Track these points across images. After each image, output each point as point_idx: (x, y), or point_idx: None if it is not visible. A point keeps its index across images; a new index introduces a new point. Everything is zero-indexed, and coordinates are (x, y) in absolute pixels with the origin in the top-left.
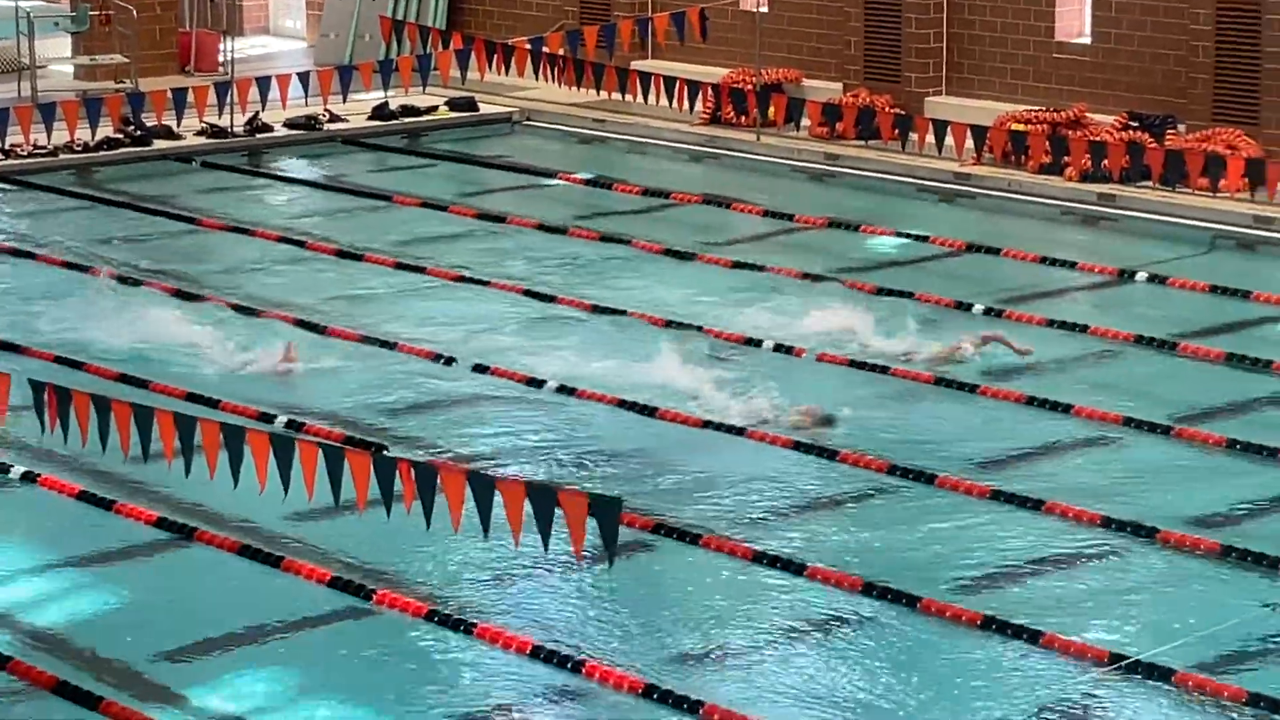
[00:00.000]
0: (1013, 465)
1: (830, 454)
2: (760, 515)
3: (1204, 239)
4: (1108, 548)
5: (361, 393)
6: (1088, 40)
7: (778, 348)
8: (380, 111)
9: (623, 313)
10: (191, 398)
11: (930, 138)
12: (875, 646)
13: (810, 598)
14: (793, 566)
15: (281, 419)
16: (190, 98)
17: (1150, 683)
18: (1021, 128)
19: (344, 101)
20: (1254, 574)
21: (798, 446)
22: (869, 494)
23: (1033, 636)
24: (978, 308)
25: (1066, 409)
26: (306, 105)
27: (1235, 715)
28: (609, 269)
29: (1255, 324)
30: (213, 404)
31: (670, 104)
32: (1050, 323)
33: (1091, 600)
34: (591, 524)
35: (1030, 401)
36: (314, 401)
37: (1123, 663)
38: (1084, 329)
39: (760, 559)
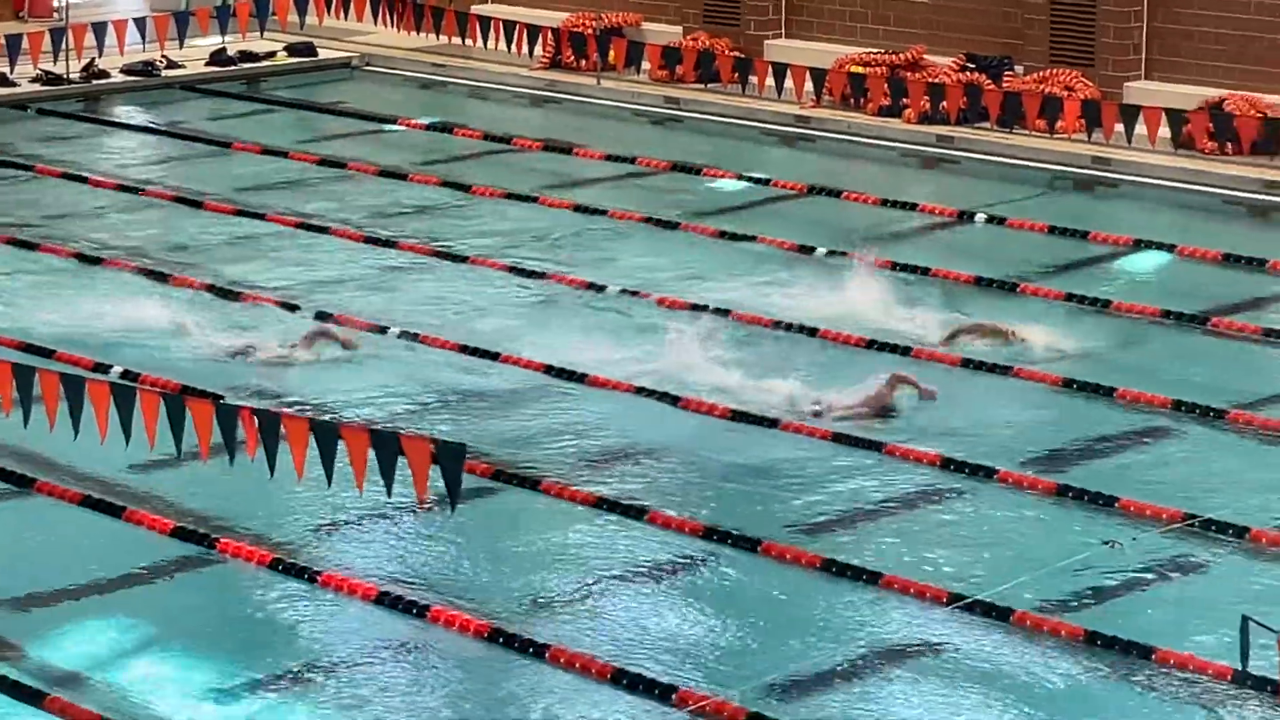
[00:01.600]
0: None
1: (672, 399)
2: (602, 460)
3: (1042, 180)
4: (948, 489)
5: (205, 343)
6: None
7: (624, 292)
8: (218, 57)
9: (464, 259)
10: (29, 349)
11: (770, 81)
12: (717, 590)
13: (652, 541)
14: (634, 511)
15: (117, 369)
16: (25, 44)
17: (990, 622)
18: (860, 70)
19: (181, 47)
20: (1095, 513)
21: (639, 391)
22: (710, 438)
23: (873, 577)
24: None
25: (905, 350)
26: (144, 51)
27: (1073, 653)
28: (450, 214)
29: (1093, 263)
30: (47, 354)
31: (510, 48)
32: (893, 265)
33: (932, 541)
34: (435, 471)
35: (870, 345)
36: (154, 354)
37: (962, 602)
38: (925, 271)
39: (602, 503)
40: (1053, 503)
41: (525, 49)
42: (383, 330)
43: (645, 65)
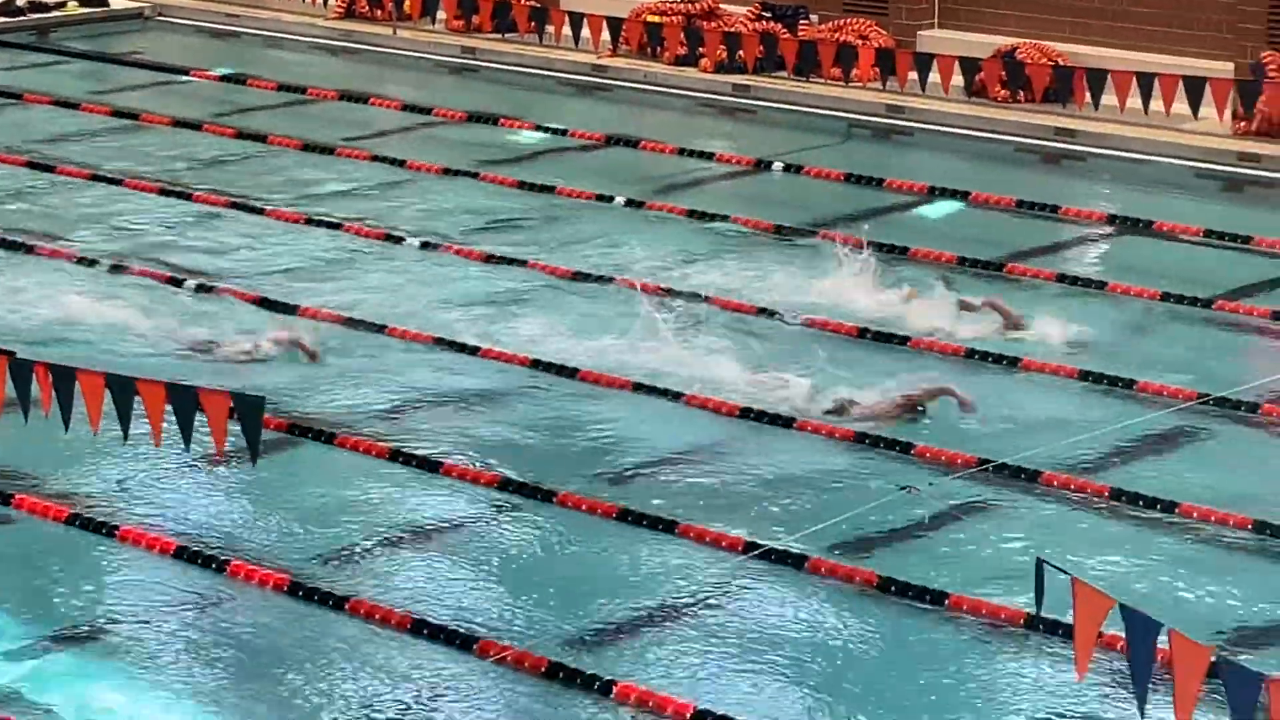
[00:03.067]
0: (657, 357)
1: (471, 349)
2: (399, 413)
3: (838, 128)
4: (745, 438)
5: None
6: None
7: (424, 245)
8: (7, 8)
9: (260, 211)
10: None
11: (567, 30)
12: (514, 541)
13: (449, 494)
14: (429, 464)
15: None
16: None
17: (784, 569)
18: (656, 19)
19: None
20: (891, 459)
21: (439, 342)
22: (509, 391)
23: (668, 526)
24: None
25: (698, 298)
26: None
27: (867, 599)
28: (246, 166)
29: (889, 211)
30: None
31: None
32: (690, 213)
33: (728, 490)
34: (234, 425)
35: (679, 296)
36: None
37: (757, 551)
38: (724, 218)
39: (398, 456)
40: (850, 450)
41: None
42: (178, 283)
43: (441, 15)
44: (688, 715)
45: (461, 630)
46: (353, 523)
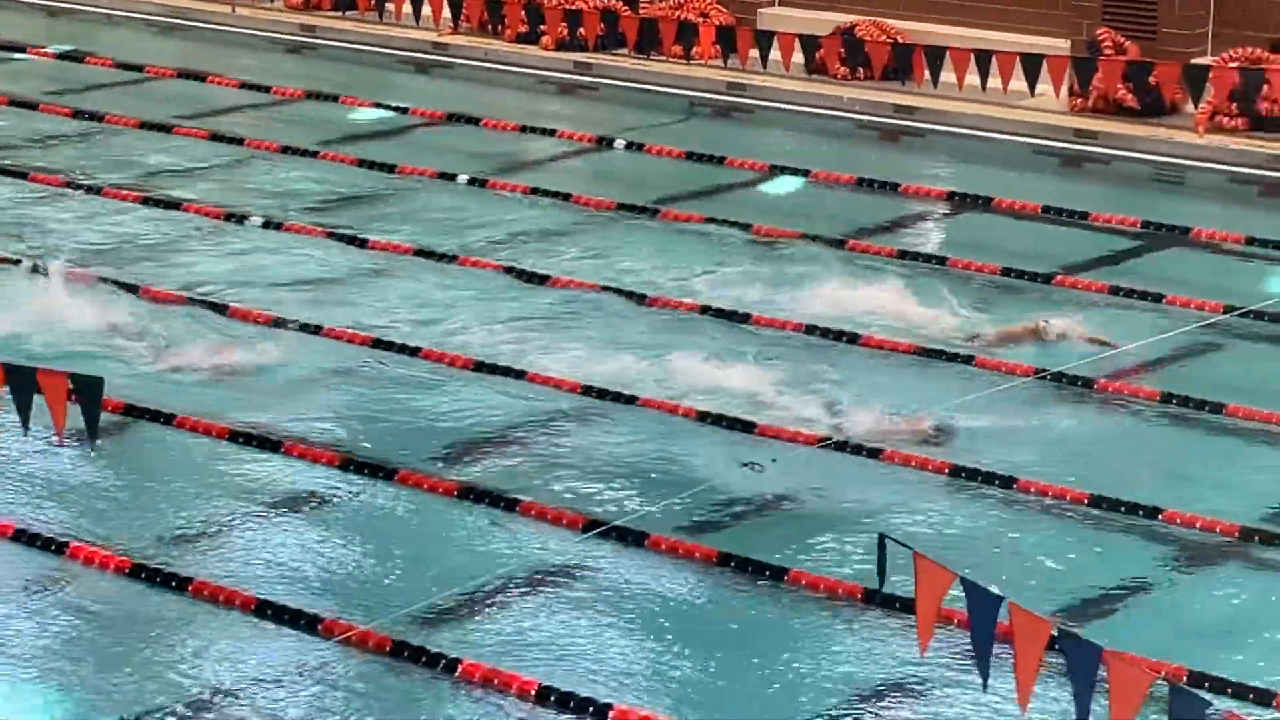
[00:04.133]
0: (499, 334)
1: (314, 328)
2: (240, 392)
3: (680, 105)
4: (588, 414)
5: None
6: None
7: (267, 224)
8: None
9: (98, 190)
10: None
11: (407, 8)
12: (356, 520)
13: (291, 473)
14: (270, 443)
15: None
16: None
17: (627, 546)
18: None
19: None
20: (735, 437)
21: (279, 323)
22: (351, 369)
23: (511, 504)
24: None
25: (544, 279)
26: None
27: (709, 574)
28: (85, 144)
29: (731, 188)
30: None
31: None
32: (534, 190)
33: (572, 467)
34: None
35: (521, 275)
36: None
37: (600, 528)
38: (567, 197)
39: (237, 437)
40: (692, 426)
41: None
42: (15, 261)
43: None
44: (532, 691)
45: (306, 610)
46: (194, 503)
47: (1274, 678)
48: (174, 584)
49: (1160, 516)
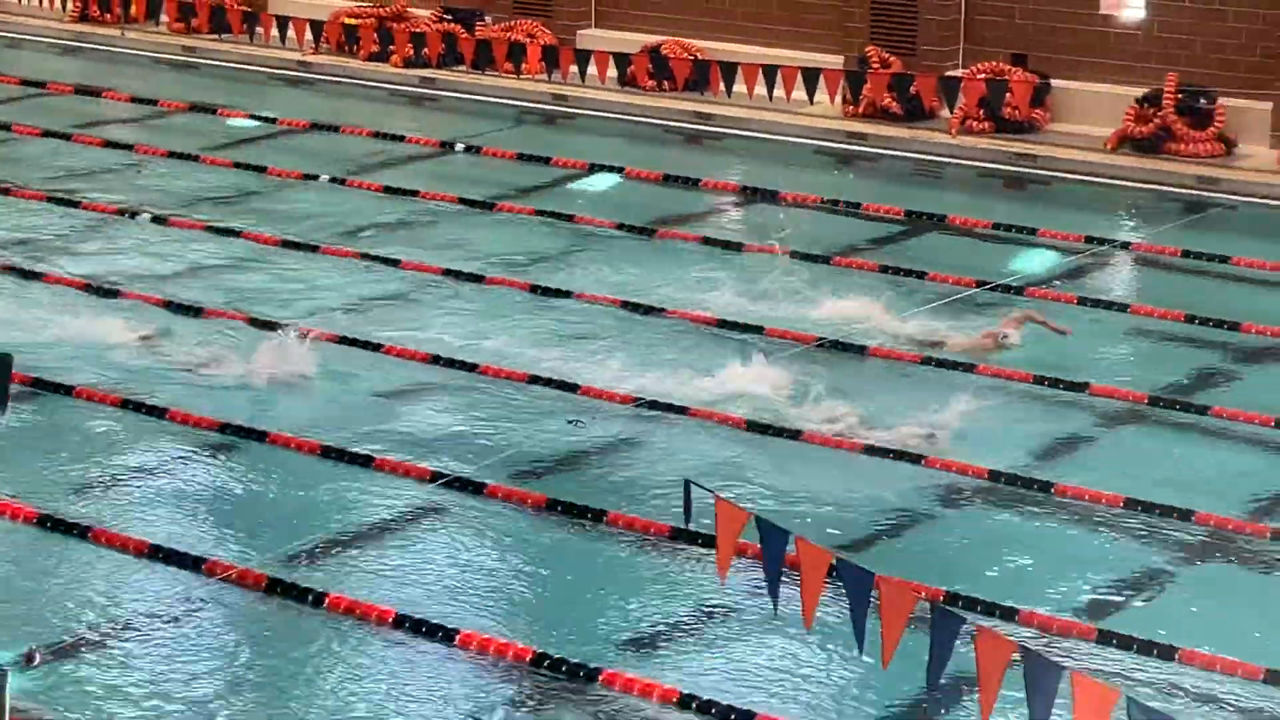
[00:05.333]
0: (361, 310)
1: (195, 310)
2: (138, 361)
3: (511, 114)
4: (429, 381)
5: None
6: None
7: (155, 219)
8: None
9: (5, 191)
10: None
11: (275, 31)
12: (237, 477)
13: (176, 439)
14: (158, 410)
15: None
16: None
17: (466, 495)
18: (353, 21)
19: None
20: (563, 398)
21: (168, 305)
22: (233, 345)
23: (366, 461)
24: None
25: (395, 263)
26: None
27: (538, 518)
28: None
29: (556, 184)
30: None
31: (42, 3)
32: (386, 189)
33: (423, 426)
34: None
35: (376, 260)
36: None
37: (443, 479)
38: (415, 194)
39: (128, 405)
40: (524, 390)
41: (58, 3)
42: None
43: (164, 18)
44: (390, 619)
45: (191, 553)
46: (92, 461)
47: (1018, 598)
48: (77, 532)
49: (923, 462)
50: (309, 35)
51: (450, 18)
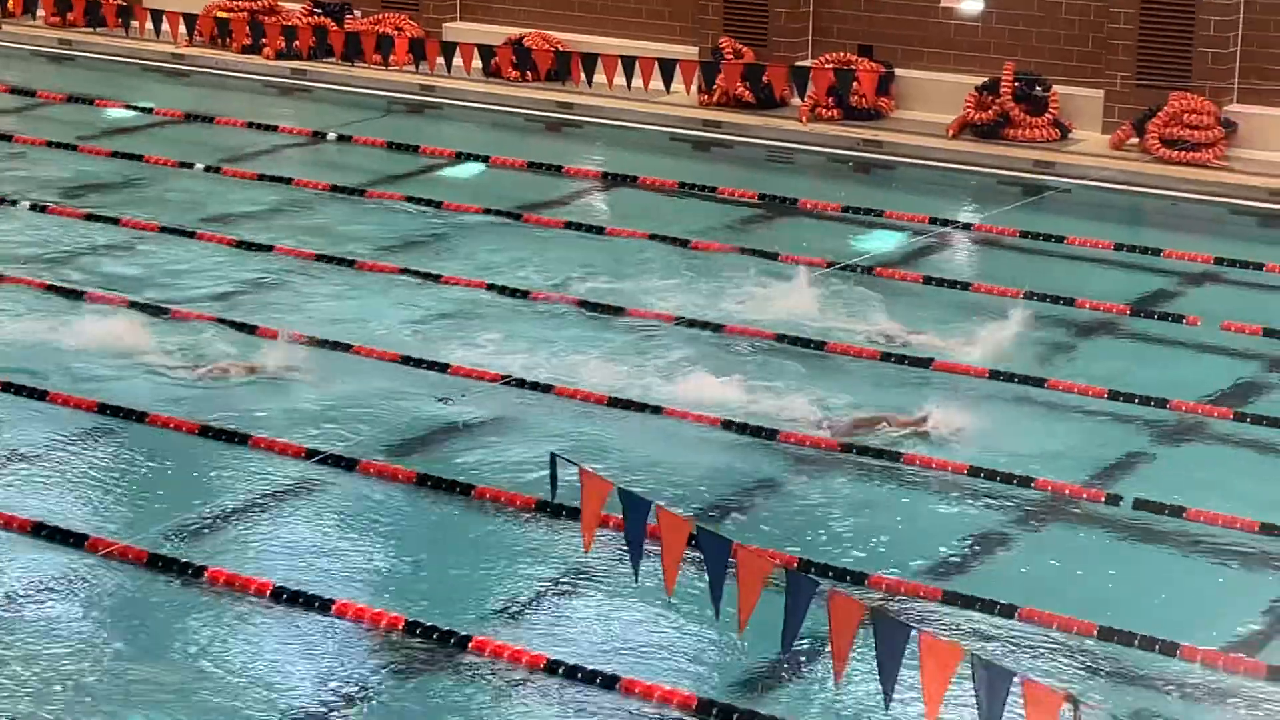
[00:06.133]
0: (234, 292)
1: (78, 294)
2: (8, 346)
3: (380, 104)
4: (304, 362)
5: None
6: None
7: (33, 207)
8: None
9: None
10: None
11: (150, 24)
12: (116, 456)
13: (56, 422)
14: (38, 393)
15: None
16: None
17: (341, 472)
18: (225, 14)
19: None
20: (433, 377)
21: (50, 288)
22: (113, 327)
23: (243, 439)
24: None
25: (269, 249)
26: None
27: (409, 492)
28: None
29: (425, 172)
30: None
31: None
32: (260, 176)
33: (294, 407)
34: None
35: (246, 245)
36: None
37: (318, 456)
38: (288, 181)
39: (9, 388)
40: (396, 369)
41: None
42: None
43: (41, 12)
44: (268, 591)
45: (75, 530)
46: None
47: (869, 563)
48: None
49: (778, 436)
50: (183, 28)
51: (320, 11)
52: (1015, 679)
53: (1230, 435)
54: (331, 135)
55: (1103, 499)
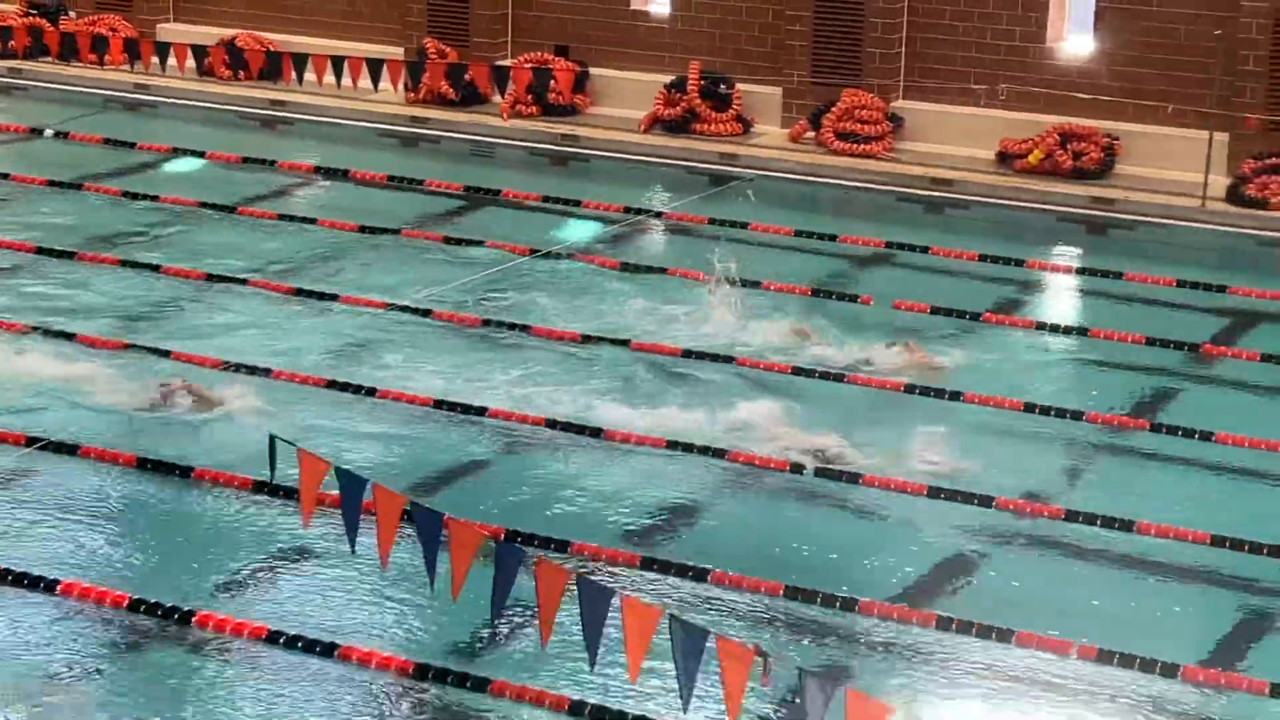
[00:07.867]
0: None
1: None
2: None
3: (96, 102)
4: (26, 348)
5: None
6: None
7: None
8: None
9: None
10: None
11: None
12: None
13: None
14: None
15: None
16: None
17: (64, 458)
18: None
19: None
20: (150, 361)
21: None
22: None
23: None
24: None
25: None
26: None
27: (133, 475)
28: None
29: (143, 168)
30: None
31: None
32: None
33: (12, 397)
34: None
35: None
36: None
37: (39, 443)
38: (4, 176)
39: None
40: (115, 355)
41: None
42: None
43: None
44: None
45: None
46: None
47: (572, 532)
48: None
49: (487, 413)
50: None
51: (35, 12)
52: (710, 636)
53: (906, 401)
54: (49, 132)
55: (787, 468)
